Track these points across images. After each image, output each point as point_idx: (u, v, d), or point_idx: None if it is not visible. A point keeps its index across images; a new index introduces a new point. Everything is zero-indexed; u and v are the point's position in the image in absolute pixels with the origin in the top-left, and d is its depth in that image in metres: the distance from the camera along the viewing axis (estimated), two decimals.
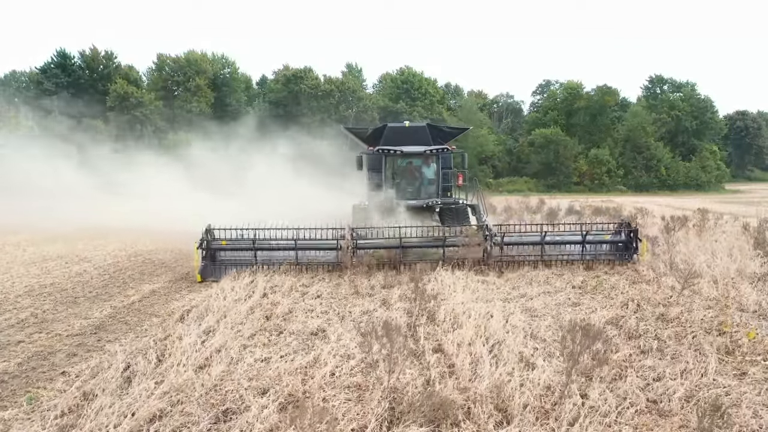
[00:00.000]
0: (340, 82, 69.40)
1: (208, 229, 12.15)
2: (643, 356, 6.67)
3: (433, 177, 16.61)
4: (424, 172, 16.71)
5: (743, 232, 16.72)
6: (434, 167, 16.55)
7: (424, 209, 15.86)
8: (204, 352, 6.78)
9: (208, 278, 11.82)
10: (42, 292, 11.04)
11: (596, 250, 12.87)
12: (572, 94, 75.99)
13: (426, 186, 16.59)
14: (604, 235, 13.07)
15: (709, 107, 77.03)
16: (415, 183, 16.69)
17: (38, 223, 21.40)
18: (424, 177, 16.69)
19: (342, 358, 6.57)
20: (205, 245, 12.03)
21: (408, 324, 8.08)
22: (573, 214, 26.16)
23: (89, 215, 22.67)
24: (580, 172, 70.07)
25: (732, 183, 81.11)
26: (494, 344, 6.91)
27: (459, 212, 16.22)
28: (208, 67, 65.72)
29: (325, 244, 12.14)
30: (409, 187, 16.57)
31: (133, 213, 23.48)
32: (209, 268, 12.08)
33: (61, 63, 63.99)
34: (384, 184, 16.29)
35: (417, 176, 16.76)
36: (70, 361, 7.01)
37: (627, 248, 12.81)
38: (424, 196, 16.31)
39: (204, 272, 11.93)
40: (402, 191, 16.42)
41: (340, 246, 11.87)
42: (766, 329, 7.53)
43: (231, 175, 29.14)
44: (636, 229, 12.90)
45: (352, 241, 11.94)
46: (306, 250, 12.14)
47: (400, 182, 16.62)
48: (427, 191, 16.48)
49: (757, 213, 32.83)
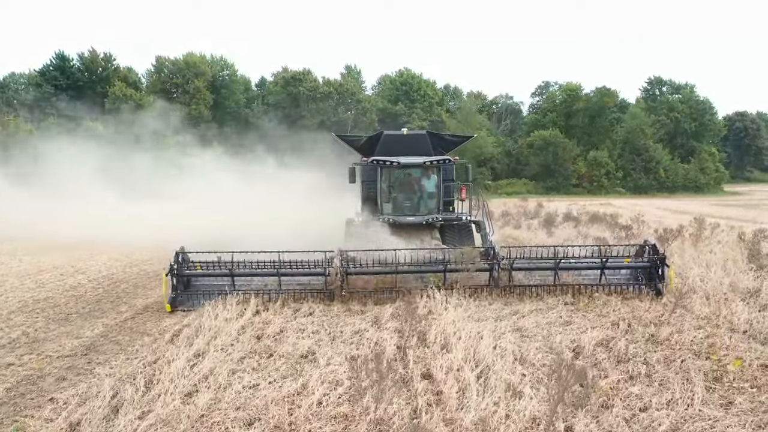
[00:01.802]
0: (339, 84, 69.41)
1: (179, 252, 10.96)
2: (631, 382, 6.67)
3: (433, 190, 15.15)
4: (424, 185, 15.23)
5: (739, 242, 16.73)
6: (435, 180, 15.10)
7: (423, 226, 14.83)
8: (192, 378, 6.79)
9: (180, 308, 10.70)
10: (35, 307, 11.08)
11: (617, 275, 11.53)
12: (571, 95, 76.06)
13: (426, 200, 15.17)
14: (625, 258, 11.63)
15: (708, 109, 77.15)
16: (414, 197, 15.22)
17: (36, 228, 21.48)
18: (424, 190, 15.24)
19: (330, 385, 6.57)
20: (175, 271, 10.80)
21: (398, 346, 8.09)
22: (570, 221, 26.18)
23: (87, 222, 22.64)
24: (578, 174, 70.12)
25: (731, 184, 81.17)
26: (483, 369, 6.91)
27: (462, 230, 15.07)
28: (206, 69, 65.75)
29: (311, 270, 11.01)
30: (407, 202, 15.13)
31: (130, 219, 23.45)
32: (181, 297, 10.92)
33: (60, 65, 64.04)
34: (379, 198, 15.11)
35: (416, 190, 15.27)
36: (59, 386, 7.01)
37: (651, 276, 11.27)
38: (424, 212, 15.01)
39: (174, 301, 10.78)
40: (399, 206, 15.05)
41: (329, 273, 10.83)
42: (755, 352, 7.54)
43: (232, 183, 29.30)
44: (664, 255, 11.29)
45: (341, 267, 10.86)
46: (291, 276, 11.04)
47: (397, 196, 15.16)
48: (426, 206, 15.10)
49: (756, 218, 33.04)
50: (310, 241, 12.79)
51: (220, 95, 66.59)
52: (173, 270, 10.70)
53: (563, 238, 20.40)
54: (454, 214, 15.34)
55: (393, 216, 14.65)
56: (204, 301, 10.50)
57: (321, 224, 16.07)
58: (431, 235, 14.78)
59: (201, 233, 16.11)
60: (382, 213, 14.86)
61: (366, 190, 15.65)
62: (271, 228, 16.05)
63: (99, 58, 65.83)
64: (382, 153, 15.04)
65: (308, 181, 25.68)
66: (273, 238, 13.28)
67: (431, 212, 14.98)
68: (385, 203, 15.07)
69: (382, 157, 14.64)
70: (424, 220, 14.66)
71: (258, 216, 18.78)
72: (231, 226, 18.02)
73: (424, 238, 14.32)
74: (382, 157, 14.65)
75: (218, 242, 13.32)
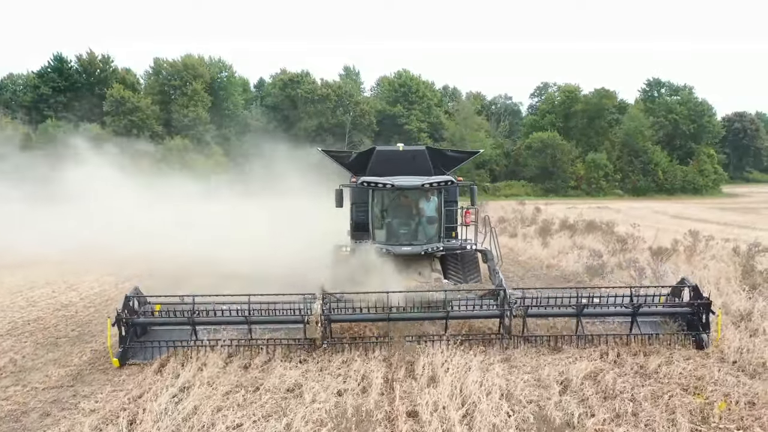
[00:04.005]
0: (337, 86, 69.41)
1: (130, 297, 9.30)
2: (617, 422, 6.64)
3: (433, 215, 13.26)
4: (423, 209, 13.38)
5: (733, 255, 16.70)
6: (435, 203, 13.21)
7: (421, 257, 13.06)
8: (176, 418, 6.75)
9: (132, 361, 9.05)
10: (24, 330, 11.08)
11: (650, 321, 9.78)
12: (570, 97, 76.11)
13: (425, 227, 13.29)
14: (659, 299, 10.03)
15: (707, 110, 77.18)
16: (411, 223, 13.32)
17: (29, 241, 21.30)
18: (423, 215, 13.36)
19: (315, 425, 6.53)
20: (124, 320, 9.03)
21: (385, 378, 8.04)
22: (566, 229, 26.14)
23: (82, 231, 22.50)
24: (577, 176, 70.15)
25: (730, 185, 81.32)
26: (468, 409, 6.88)
27: (466, 260, 13.46)
28: (204, 71, 65.72)
29: (287, 317, 9.41)
30: (404, 228, 13.24)
31: (125, 230, 23.26)
32: (132, 349, 9.17)
33: (58, 67, 64.01)
34: (371, 224, 13.26)
35: (413, 214, 13.39)
36: (42, 423, 6.98)
37: (691, 324, 9.46)
38: (423, 240, 13.11)
39: (124, 355, 9.03)
40: (394, 234, 13.18)
41: (308, 320, 9.10)
42: (743, 387, 7.50)
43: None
44: (708, 300, 9.42)
45: (323, 313, 9.18)
46: (263, 324, 9.47)
47: (392, 222, 13.32)
48: (426, 233, 13.21)
49: (754, 222, 33.07)
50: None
51: (218, 97, 66.56)
52: (121, 318, 8.99)
53: (557, 249, 20.40)
54: (458, 242, 13.60)
55: (387, 245, 12.79)
56: (162, 352, 9.08)
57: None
58: (431, 266, 13.19)
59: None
60: (374, 241, 13.08)
61: (356, 214, 13.72)
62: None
63: (97, 59, 65.84)
64: (375, 172, 13.21)
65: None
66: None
67: (431, 240, 13.10)
68: (377, 230, 13.29)
69: (374, 178, 12.70)
70: (423, 250, 12.81)
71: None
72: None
73: (423, 270, 12.90)
74: (373, 178, 12.71)
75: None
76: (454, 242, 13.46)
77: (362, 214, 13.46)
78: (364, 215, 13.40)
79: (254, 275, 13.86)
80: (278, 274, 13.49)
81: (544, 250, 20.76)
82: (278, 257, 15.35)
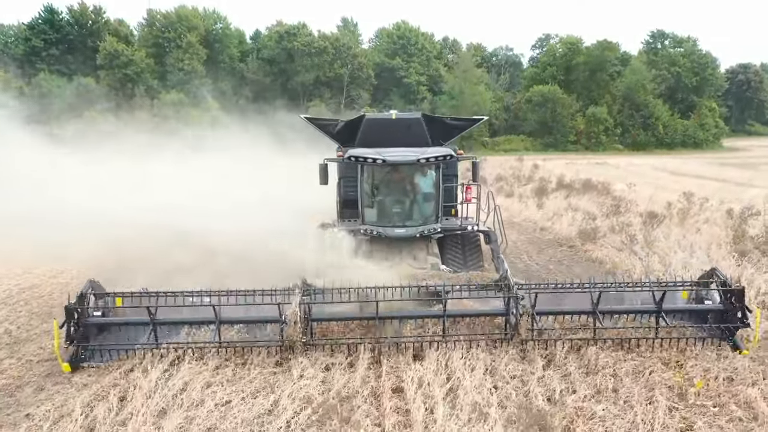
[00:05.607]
0: (335, 38, 68.15)
1: (83, 294, 8.13)
2: (597, 398, 6.80)
3: (430, 191, 11.80)
4: (418, 185, 11.91)
5: (727, 218, 16.76)
6: (432, 179, 11.73)
7: (417, 240, 11.71)
8: (166, 395, 6.91)
9: (87, 364, 8.05)
10: (20, 299, 11.18)
11: (677, 319, 8.65)
12: (572, 49, 74.81)
13: (421, 205, 11.84)
14: (683, 293, 8.98)
15: (710, 63, 76.04)
16: (405, 202, 11.85)
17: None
18: (419, 193, 11.91)
19: (301, 402, 6.69)
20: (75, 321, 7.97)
21: (372, 352, 8.17)
22: (563, 188, 26.17)
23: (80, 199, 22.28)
24: (577, 130, 69.61)
25: (731, 138, 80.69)
26: (453, 384, 7.04)
27: (467, 242, 12.13)
28: (199, 23, 64.44)
29: (262, 315, 8.43)
30: (397, 207, 11.77)
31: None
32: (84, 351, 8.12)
33: (48, 18, 62.67)
34: (360, 204, 11.81)
35: (408, 191, 11.91)
36: (36, 398, 7.16)
37: (724, 318, 8.34)
38: (418, 221, 11.63)
39: (75, 358, 7.99)
40: (386, 214, 11.73)
41: (285, 320, 8.11)
42: (723, 361, 7.65)
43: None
44: (741, 289, 8.32)
45: (302, 311, 8.18)
46: (234, 324, 8.52)
47: (384, 200, 11.83)
48: (422, 213, 11.76)
49: (751, 180, 32.97)
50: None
51: (213, 50, 65.45)
52: (73, 316, 7.94)
53: (552, 211, 20.45)
54: (457, 222, 12.29)
55: (378, 226, 11.53)
56: (117, 355, 8.18)
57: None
58: (428, 249, 11.84)
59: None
60: (363, 222, 11.74)
61: (344, 190, 12.40)
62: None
63: (89, 10, 64.39)
64: (365, 142, 11.95)
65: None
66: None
67: (427, 221, 11.66)
68: (367, 209, 11.81)
69: (363, 151, 11.23)
70: (419, 232, 11.45)
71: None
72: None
73: (419, 254, 11.63)
74: (362, 151, 11.24)
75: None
76: (453, 221, 12.28)
77: (351, 190, 12.09)
78: (353, 191, 11.97)
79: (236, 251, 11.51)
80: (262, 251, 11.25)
81: (539, 212, 20.81)
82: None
